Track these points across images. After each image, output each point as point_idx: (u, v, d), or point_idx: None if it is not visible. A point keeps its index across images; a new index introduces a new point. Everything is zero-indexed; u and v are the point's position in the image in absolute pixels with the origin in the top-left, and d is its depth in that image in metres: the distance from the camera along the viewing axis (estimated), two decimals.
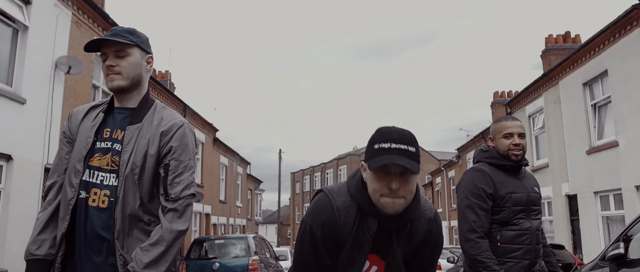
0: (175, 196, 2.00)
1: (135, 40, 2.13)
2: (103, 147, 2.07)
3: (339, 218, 1.88)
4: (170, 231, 1.94)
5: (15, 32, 8.64)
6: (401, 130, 1.84)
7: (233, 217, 27.69)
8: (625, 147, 11.14)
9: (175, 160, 2.04)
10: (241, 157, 29.73)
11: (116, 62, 2.09)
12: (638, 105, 10.59)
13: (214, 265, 10.99)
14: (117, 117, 2.14)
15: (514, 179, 2.89)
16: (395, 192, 1.76)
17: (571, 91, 13.63)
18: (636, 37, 10.58)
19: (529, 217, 2.85)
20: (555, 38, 18.01)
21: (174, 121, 2.12)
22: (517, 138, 2.90)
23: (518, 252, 2.76)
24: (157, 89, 15.89)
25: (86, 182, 2.04)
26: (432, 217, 1.96)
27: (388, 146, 1.76)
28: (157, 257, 1.90)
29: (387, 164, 1.73)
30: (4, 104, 8.04)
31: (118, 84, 2.09)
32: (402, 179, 1.77)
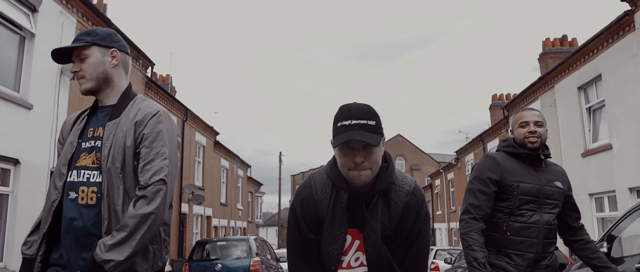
0: (144, 183, 1.96)
1: (91, 40, 2.12)
2: (87, 147, 2.09)
3: (315, 194, 2.02)
4: (133, 216, 1.90)
5: (22, 39, 8.87)
6: (361, 105, 1.95)
7: (234, 220, 27.90)
8: (619, 150, 11.36)
9: (146, 147, 2.02)
10: (242, 160, 29.95)
11: (79, 67, 2.12)
12: (631, 109, 10.81)
13: (216, 266, 11.21)
14: (99, 116, 2.15)
15: (529, 169, 2.88)
16: (360, 164, 1.87)
17: (566, 95, 13.85)
18: (628, 42, 10.81)
19: (540, 209, 2.83)
20: (553, 41, 18.25)
21: (148, 110, 2.10)
22: (532, 126, 2.90)
23: (523, 245, 2.77)
24: (159, 94, 16.12)
25: (72, 183, 2.05)
26: (410, 190, 2.02)
27: (349, 123, 1.88)
28: (119, 241, 1.87)
29: (348, 140, 1.85)
30: (11, 109, 8.26)
31: (85, 88, 2.12)
32: (366, 152, 1.87)
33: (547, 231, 2.81)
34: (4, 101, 8.06)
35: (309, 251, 2.03)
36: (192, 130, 19.68)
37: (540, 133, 2.90)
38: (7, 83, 8.42)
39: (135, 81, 13.96)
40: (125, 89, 2.19)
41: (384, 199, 2.00)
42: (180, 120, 18.29)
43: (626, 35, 10.89)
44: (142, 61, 14.30)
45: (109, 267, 1.83)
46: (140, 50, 13.74)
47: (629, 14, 10.59)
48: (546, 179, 2.89)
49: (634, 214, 4.22)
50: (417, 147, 55.61)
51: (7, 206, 8.16)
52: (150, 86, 15.20)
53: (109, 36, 2.18)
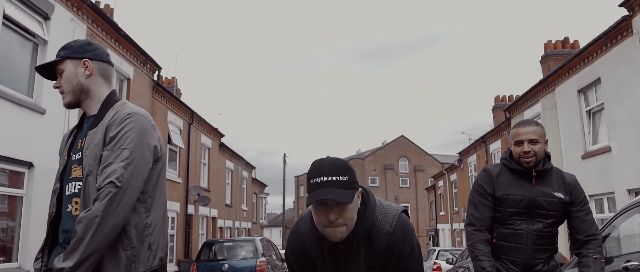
0: (98, 186, 1.89)
1: (64, 54, 2.12)
2: (77, 159, 2.07)
3: (302, 242, 2.10)
4: (79, 220, 1.84)
5: (35, 46, 9.14)
6: (333, 161, 1.93)
7: (239, 221, 28.17)
8: (618, 152, 11.57)
9: (108, 150, 1.94)
10: (246, 161, 30.22)
11: (59, 82, 2.13)
12: (629, 112, 11.02)
13: (223, 266, 11.48)
14: (85, 127, 2.14)
15: (523, 182, 2.95)
16: (334, 221, 1.88)
17: (567, 98, 14.06)
18: (626, 47, 11.02)
19: (531, 219, 2.90)
20: (554, 44, 18.40)
21: (120, 114, 2.03)
22: (526, 146, 2.91)
23: (511, 251, 2.89)
24: (166, 97, 16.38)
25: (69, 196, 2.04)
26: (390, 230, 2.00)
27: (320, 180, 1.87)
28: (70, 248, 1.82)
29: (318, 199, 1.85)
30: (25, 114, 8.53)
31: (65, 102, 2.14)
32: (339, 208, 1.87)
33: (537, 237, 2.88)
34: (18, 106, 8.32)
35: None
36: (198, 133, 19.95)
37: (535, 151, 2.91)
38: (21, 89, 8.68)
39: (142, 85, 14.24)
40: (106, 97, 2.14)
41: (366, 240, 2.01)
42: (187, 123, 18.55)
43: (624, 40, 11.09)
44: (150, 66, 14.56)
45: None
46: (147, 54, 14.01)
47: (626, 19, 10.80)
48: (541, 191, 2.93)
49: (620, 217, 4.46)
50: (420, 148, 55.77)
51: (22, 207, 8.43)
52: (157, 90, 15.46)
53: (82, 47, 2.15)
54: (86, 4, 10.39)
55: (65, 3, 9.76)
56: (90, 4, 10.53)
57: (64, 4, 9.72)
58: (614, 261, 4.20)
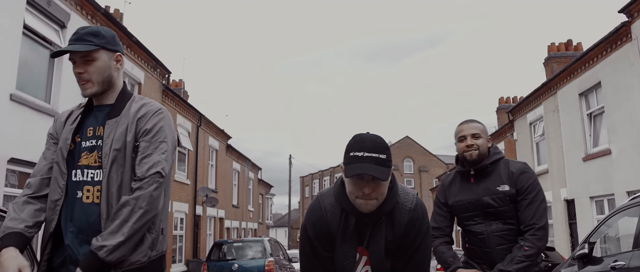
0: (141, 175, 1.97)
1: (99, 43, 2.08)
2: (88, 146, 2.07)
3: (326, 217, 2.16)
4: (126, 203, 1.92)
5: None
6: (373, 138, 2.03)
7: (245, 221, 28.52)
8: (617, 155, 11.82)
9: (146, 141, 2.03)
10: (252, 162, 30.57)
11: (84, 69, 2.07)
12: (629, 116, 11.27)
13: (233, 266, 11.84)
14: (98, 115, 2.13)
15: (465, 184, 2.99)
16: (368, 195, 1.99)
17: (568, 101, 14.32)
18: (626, 52, 11.28)
19: (486, 221, 2.90)
20: (558, 46, 18.57)
21: (150, 107, 2.12)
22: (469, 139, 2.94)
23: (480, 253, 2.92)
24: (175, 100, 16.73)
25: (77, 182, 2.05)
26: (412, 207, 2.14)
27: (361, 154, 1.97)
28: (113, 229, 1.88)
29: (359, 173, 1.95)
30: (43, 119, 8.85)
31: (90, 92, 2.09)
32: (374, 183, 1.97)
33: (498, 238, 2.87)
34: (36, 112, 8.65)
35: (322, 266, 2.21)
36: (205, 135, 20.30)
37: (478, 145, 2.92)
38: (38, 95, 9.02)
39: (153, 89, 14.59)
40: (122, 87, 2.19)
41: (388, 217, 2.12)
42: (195, 125, 18.90)
43: (624, 45, 11.35)
44: (160, 70, 14.91)
45: (102, 253, 1.84)
46: (158, 59, 14.36)
47: (626, 25, 11.06)
48: (485, 189, 2.90)
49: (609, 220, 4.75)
50: (425, 149, 55.98)
51: None
52: (167, 94, 15.81)
53: (114, 39, 2.16)
54: (100, 12, 10.74)
55: (80, 11, 10.11)
56: (103, 12, 10.88)
57: (79, 12, 10.07)
58: (604, 260, 4.50)
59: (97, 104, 2.16)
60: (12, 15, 8.04)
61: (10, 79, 8.01)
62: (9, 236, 1.95)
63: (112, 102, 2.14)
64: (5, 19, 7.88)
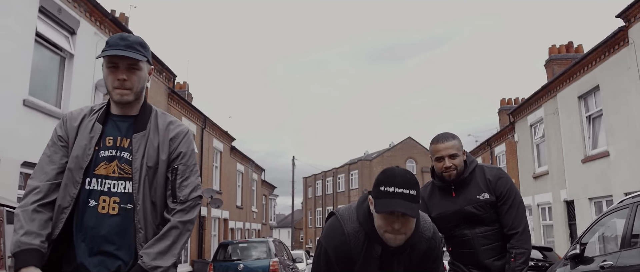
0: (183, 198, 2.07)
1: (146, 54, 2.13)
2: (108, 156, 2.07)
3: (349, 242, 2.17)
4: (175, 226, 2.02)
5: (62, 60, 9.75)
6: (404, 173, 2.06)
7: (249, 222, 28.78)
8: (615, 157, 12.04)
9: (183, 165, 2.11)
10: (256, 164, 30.83)
11: (128, 76, 2.08)
12: (626, 119, 11.49)
13: (238, 266, 12.11)
14: (119, 125, 2.13)
15: (446, 198, 3.06)
16: (397, 230, 2.04)
17: (568, 103, 14.53)
18: (623, 56, 11.49)
19: (471, 225, 3.00)
20: (559, 48, 18.74)
21: (180, 128, 2.18)
22: (447, 161, 2.97)
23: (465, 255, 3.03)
24: (180, 103, 16.98)
25: (92, 191, 2.03)
26: (430, 236, 2.22)
27: (392, 190, 1.99)
28: (164, 249, 1.97)
29: (391, 209, 1.99)
30: (53, 123, 9.09)
31: (127, 99, 2.09)
32: (404, 219, 2.02)
33: (482, 238, 2.98)
34: (47, 116, 8.91)
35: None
36: (210, 137, 20.56)
37: (455, 165, 2.97)
38: (49, 99, 9.28)
39: (159, 93, 14.85)
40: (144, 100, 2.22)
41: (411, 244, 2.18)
42: (200, 128, 19.16)
43: (621, 49, 11.57)
44: (166, 74, 15.18)
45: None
46: (164, 63, 14.64)
47: (623, 30, 11.27)
48: (466, 200, 2.99)
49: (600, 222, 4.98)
50: (427, 150, 55.68)
51: None
52: (172, 97, 16.08)
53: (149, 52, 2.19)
54: (108, 18, 11.00)
55: (89, 18, 10.37)
56: (111, 18, 11.15)
57: (88, 19, 10.33)
58: (595, 260, 4.73)
59: (119, 114, 2.15)
60: (24, 23, 8.29)
61: (23, 84, 8.27)
62: (28, 253, 1.92)
63: (135, 114, 2.15)
64: (19, 27, 8.14)
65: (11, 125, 7.87)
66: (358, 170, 53.36)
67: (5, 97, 7.78)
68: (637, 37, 10.91)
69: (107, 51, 2.06)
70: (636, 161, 11.06)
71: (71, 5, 9.65)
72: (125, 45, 2.07)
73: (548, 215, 16.24)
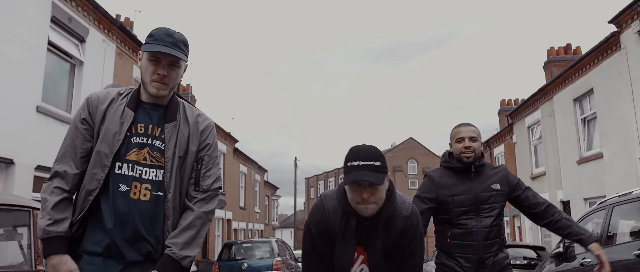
0: (206, 188, 2.14)
1: (186, 54, 2.17)
2: (139, 143, 2.11)
3: (328, 218, 2.33)
4: (199, 216, 2.09)
5: (72, 67, 10.12)
6: (368, 148, 2.23)
7: (252, 223, 29.15)
8: (609, 158, 12.37)
9: (209, 156, 2.20)
10: (259, 165, 31.19)
11: (168, 72, 2.11)
12: (619, 121, 11.81)
13: (242, 265, 12.49)
14: (151, 114, 2.17)
15: (464, 180, 3.12)
16: (366, 200, 2.17)
17: (564, 106, 14.87)
18: (615, 61, 11.82)
19: (478, 215, 3.05)
20: (557, 50, 19.00)
21: (208, 121, 2.26)
22: (467, 141, 3.10)
23: (465, 248, 3.04)
24: None
25: (123, 176, 2.06)
26: (407, 215, 2.31)
27: (357, 164, 2.17)
28: (190, 239, 2.05)
29: (356, 180, 2.15)
30: (64, 128, 9.39)
31: (162, 94, 2.13)
32: (372, 189, 2.16)
33: (487, 233, 3.05)
34: (58, 121, 9.26)
35: (321, 262, 2.39)
36: None
37: (474, 148, 3.10)
38: (60, 105, 9.64)
39: None
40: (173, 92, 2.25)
41: (385, 222, 2.30)
42: None
43: (613, 54, 11.90)
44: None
45: (186, 262, 2.02)
46: None
47: (615, 35, 11.60)
48: (481, 185, 3.10)
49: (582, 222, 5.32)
50: (429, 150, 56.47)
51: None
52: None
53: (189, 50, 2.22)
54: (116, 26, 11.37)
55: (98, 26, 10.73)
56: (119, 26, 11.52)
57: (97, 26, 10.70)
58: (576, 257, 5.07)
59: (150, 102, 2.18)
60: (37, 33, 8.67)
61: (37, 91, 8.64)
62: (55, 240, 1.98)
63: (165, 104, 2.19)
64: (32, 37, 8.51)
65: (25, 130, 8.24)
66: None
67: (19, 104, 8.16)
68: (628, 42, 11.24)
69: (153, 46, 2.09)
70: (628, 162, 11.39)
71: (81, 14, 10.03)
72: (171, 43, 2.10)
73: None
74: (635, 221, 4.50)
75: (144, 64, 2.13)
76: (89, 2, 10.13)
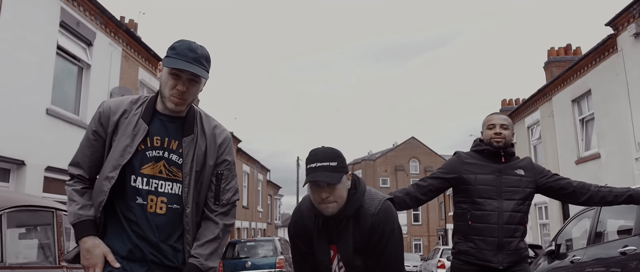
0: (226, 201, 2.16)
1: (208, 70, 2.12)
2: (155, 156, 2.09)
3: (304, 218, 2.46)
4: (222, 229, 2.13)
5: (80, 70, 10.37)
6: (325, 150, 2.32)
7: (255, 222, 29.42)
8: (606, 158, 12.58)
9: (228, 170, 2.19)
10: (261, 164, 31.44)
11: (188, 88, 2.06)
12: (615, 122, 12.02)
13: (246, 263, 12.77)
14: (167, 125, 2.14)
15: (490, 162, 3.19)
16: (326, 199, 2.27)
17: (562, 107, 15.08)
18: (612, 63, 12.03)
19: (500, 197, 3.09)
20: (557, 50, 19.18)
21: (225, 134, 2.24)
22: (498, 128, 3.20)
23: (484, 230, 3.06)
24: None
25: (139, 189, 2.07)
26: (375, 212, 2.35)
27: (315, 165, 2.26)
28: (214, 251, 2.09)
29: (312, 181, 2.25)
30: (73, 130, 9.71)
31: (180, 109, 2.10)
32: (330, 188, 2.25)
33: (508, 216, 3.08)
34: (67, 123, 9.51)
35: (304, 259, 2.53)
36: None
37: (505, 135, 3.20)
38: (68, 108, 9.89)
39: None
40: None
41: (354, 219, 2.38)
42: None
43: (610, 56, 12.11)
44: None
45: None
46: None
47: (612, 38, 11.81)
48: (506, 169, 3.17)
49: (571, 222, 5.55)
50: (430, 150, 56.69)
51: None
52: None
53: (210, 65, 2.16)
54: (122, 29, 11.62)
55: (104, 30, 10.98)
56: (125, 29, 11.76)
57: (103, 30, 10.94)
58: (567, 255, 5.29)
59: (167, 114, 2.14)
60: (47, 38, 8.91)
61: (46, 95, 8.89)
62: (86, 223, 2.04)
63: (183, 115, 2.16)
64: (42, 41, 8.76)
65: (36, 132, 8.49)
66: (362, 170, 53.91)
67: (30, 107, 8.41)
68: (624, 45, 11.45)
69: (175, 60, 2.04)
70: (624, 162, 11.59)
71: (88, 19, 10.27)
72: (193, 58, 2.05)
73: (544, 214, 16.79)
74: (620, 220, 4.72)
75: (164, 77, 2.09)
76: (96, 7, 10.37)
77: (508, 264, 3.05)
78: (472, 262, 3.09)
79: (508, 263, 3.05)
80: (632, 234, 4.26)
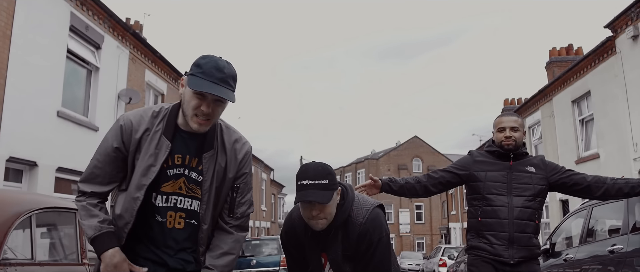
0: (240, 214, 2.15)
1: (235, 89, 2.03)
2: (175, 174, 2.07)
3: (295, 227, 2.51)
4: (237, 241, 2.14)
5: (89, 73, 10.62)
6: (316, 166, 2.32)
7: (258, 221, 29.66)
8: (605, 159, 12.77)
9: (244, 183, 2.17)
10: (265, 164, 31.68)
11: (213, 109, 1.99)
12: (614, 123, 12.21)
13: (251, 261, 13.01)
14: (188, 143, 2.09)
15: (501, 162, 3.28)
16: (316, 216, 2.30)
17: (563, 107, 15.27)
18: (611, 64, 12.23)
19: (510, 193, 3.16)
20: (559, 50, 19.32)
21: (247, 148, 2.19)
22: (508, 131, 3.25)
23: (495, 226, 3.12)
24: None
25: (158, 207, 2.06)
26: (362, 221, 2.39)
27: (306, 183, 2.26)
28: (229, 263, 2.10)
29: (302, 200, 2.26)
30: (82, 131, 9.98)
31: (204, 130, 2.04)
32: (320, 206, 2.27)
33: (518, 212, 3.12)
34: (76, 125, 9.77)
35: (297, 263, 2.62)
36: None
37: (515, 137, 3.27)
38: (77, 109, 10.14)
39: (174, 100, 15.67)
40: None
41: (343, 228, 2.43)
42: None
43: (609, 58, 12.30)
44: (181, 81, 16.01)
45: None
46: (179, 72, 15.46)
47: (611, 40, 12.00)
48: (517, 166, 3.26)
49: (565, 222, 5.76)
50: (433, 149, 56.83)
51: None
52: None
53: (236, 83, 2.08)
54: (129, 32, 11.86)
55: (112, 33, 11.22)
56: (132, 32, 12.01)
57: (111, 33, 11.18)
58: (561, 254, 5.50)
59: (188, 130, 2.07)
60: (57, 42, 9.16)
61: (57, 97, 9.14)
62: (108, 235, 1.98)
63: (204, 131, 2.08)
64: (53, 46, 9.01)
65: (47, 134, 8.74)
66: (365, 169, 54.11)
67: (42, 109, 8.66)
68: (623, 47, 11.64)
69: (201, 81, 1.93)
70: (623, 163, 11.78)
71: (97, 22, 10.52)
72: (220, 79, 1.95)
73: (545, 213, 16.97)
74: (610, 220, 4.93)
75: (188, 96, 1.99)
76: (105, 11, 10.62)
77: (519, 258, 3.09)
78: (485, 257, 3.15)
79: (519, 258, 3.09)
80: (620, 233, 4.47)
